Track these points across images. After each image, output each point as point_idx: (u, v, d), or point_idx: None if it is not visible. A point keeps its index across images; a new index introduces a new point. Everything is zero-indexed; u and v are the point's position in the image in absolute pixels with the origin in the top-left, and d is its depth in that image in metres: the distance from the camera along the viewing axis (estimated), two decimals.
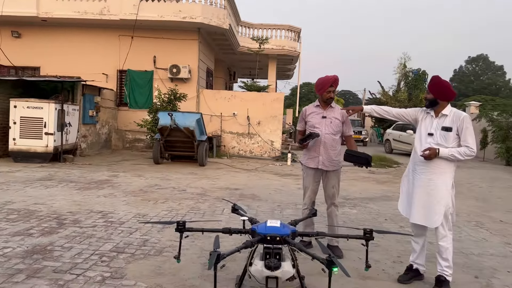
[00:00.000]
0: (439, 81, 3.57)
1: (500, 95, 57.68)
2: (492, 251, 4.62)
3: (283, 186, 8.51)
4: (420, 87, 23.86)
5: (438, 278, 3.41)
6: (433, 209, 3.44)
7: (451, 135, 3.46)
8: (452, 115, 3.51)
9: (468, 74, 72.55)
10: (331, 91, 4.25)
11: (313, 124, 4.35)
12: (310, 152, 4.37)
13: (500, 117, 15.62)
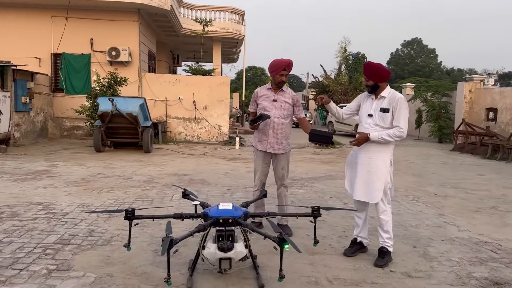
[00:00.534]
0: (372, 65, 3.74)
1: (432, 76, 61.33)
2: (428, 222, 4.98)
3: (232, 170, 8.55)
4: (360, 70, 24.72)
5: (381, 249, 3.63)
6: (373, 185, 3.64)
7: (388, 116, 3.63)
8: (389, 97, 3.67)
9: (403, 57, 76.29)
10: (284, 74, 4.28)
11: (264, 107, 4.41)
12: (260, 135, 4.43)
13: (433, 98, 16.66)
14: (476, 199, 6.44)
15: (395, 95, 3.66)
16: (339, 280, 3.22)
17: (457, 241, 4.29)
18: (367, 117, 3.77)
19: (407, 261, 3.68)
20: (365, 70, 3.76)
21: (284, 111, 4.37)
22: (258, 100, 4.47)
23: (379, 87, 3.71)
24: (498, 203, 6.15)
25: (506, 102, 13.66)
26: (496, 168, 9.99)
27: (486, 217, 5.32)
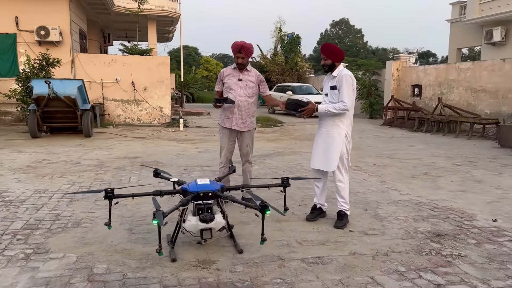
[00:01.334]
0: (330, 46, 4.08)
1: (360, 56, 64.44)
2: (373, 189, 5.53)
3: (183, 151, 8.60)
4: (295, 50, 25.41)
5: (339, 213, 4.04)
6: (330, 156, 4.01)
7: (336, 92, 3.96)
8: (339, 75, 3.97)
9: (332, 37, 78.93)
10: (239, 57, 4.44)
11: (230, 86, 4.56)
12: (226, 113, 4.59)
13: (364, 76, 17.72)
14: (410, 167, 7.18)
15: (344, 73, 3.96)
16: (307, 241, 3.57)
17: (401, 203, 4.85)
18: (324, 96, 4.15)
19: (362, 222, 4.13)
20: (324, 50, 4.06)
21: (249, 90, 4.57)
22: (224, 79, 4.61)
23: (335, 67, 4.02)
24: (429, 170, 6.92)
25: (429, 79, 14.97)
26: (423, 139, 11.05)
27: (421, 182, 6.00)
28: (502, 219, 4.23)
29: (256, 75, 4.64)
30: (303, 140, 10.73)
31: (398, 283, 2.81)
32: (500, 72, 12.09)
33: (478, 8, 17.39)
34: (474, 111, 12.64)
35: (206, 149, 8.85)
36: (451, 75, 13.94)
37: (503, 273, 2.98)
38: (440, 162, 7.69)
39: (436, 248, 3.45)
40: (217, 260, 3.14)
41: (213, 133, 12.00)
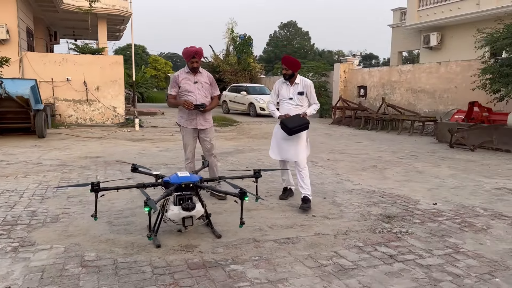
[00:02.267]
0: (291, 58, 4.76)
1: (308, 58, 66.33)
2: (329, 180, 6.06)
3: (144, 150, 8.72)
4: (247, 51, 25.87)
5: (304, 198, 4.55)
6: (298, 148, 4.67)
7: (304, 97, 4.75)
8: (302, 83, 4.77)
9: (281, 39, 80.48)
10: (194, 61, 4.79)
11: (187, 89, 4.87)
12: (188, 115, 4.91)
13: (313, 78, 18.53)
14: (360, 161, 7.83)
15: (306, 81, 4.80)
16: (277, 226, 3.98)
17: (354, 191, 5.40)
18: (288, 99, 4.79)
19: (322, 208, 4.61)
20: (286, 62, 4.73)
21: (205, 90, 4.96)
22: (180, 83, 4.89)
23: (295, 75, 4.72)
24: (377, 163, 7.61)
25: (373, 80, 16.02)
26: (369, 136, 11.90)
27: (370, 174, 6.64)
28: (441, 203, 4.89)
29: (208, 76, 5.06)
30: (260, 138, 11.18)
31: (358, 255, 3.29)
32: (437, 74, 13.27)
33: (417, 15, 18.82)
34: (414, 110, 13.76)
35: (166, 148, 9.03)
36: (393, 77, 15.04)
37: (443, 244, 3.56)
38: (385, 156, 8.44)
39: (387, 227, 3.99)
40: (199, 245, 3.46)
41: (171, 133, 12.14)
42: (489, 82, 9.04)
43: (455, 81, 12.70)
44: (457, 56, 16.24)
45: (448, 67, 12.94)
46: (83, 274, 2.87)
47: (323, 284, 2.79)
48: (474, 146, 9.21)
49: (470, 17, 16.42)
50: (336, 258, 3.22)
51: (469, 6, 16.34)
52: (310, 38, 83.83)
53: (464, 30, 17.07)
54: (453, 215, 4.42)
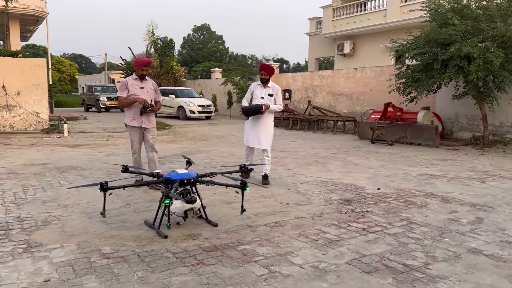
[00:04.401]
0: (268, 66, 6.08)
1: (223, 61, 67.31)
2: (284, 174, 6.74)
3: (89, 156, 8.59)
4: (170, 55, 25.79)
5: (265, 175, 5.74)
6: (266, 137, 6.06)
7: (272, 98, 6.07)
8: (272, 86, 6.12)
9: (196, 42, 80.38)
10: (145, 70, 5.70)
11: (135, 93, 5.68)
12: (134, 115, 5.70)
13: (241, 81, 19.28)
14: (301, 157, 8.66)
15: (276, 86, 6.15)
16: (261, 213, 4.50)
17: (310, 182, 6.14)
18: (260, 98, 5.99)
19: (291, 197, 5.25)
20: (265, 69, 6.01)
21: (150, 95, 5.83)
22: (129, 87, 5.68)
23: (268, 80, 5.94)
24: (317, 158, 8.49)
25: (297, 84, 17.24)
26: (300, 136, 12.92)
27: (316, 168, 7.46)
28: (383, 188, 5.83)
29: (153, 83, 5.92)
30: (200, 140, 11.54)
31: (338, 231, 3.96)
32: (354, 79, 14.82)
33: (331, 24, 20.59)
34: (335, 111, 15.17)
35: (112, 153, 8.99)
36: (315, 81, 16.38)
37: (398, 218, 4.40)
38: (321, 152, 9.40)
39: (350, 208, 4.74)
40: (201, 233, 3.85)
41: (105, 138, 11.93)
42: (403, 86, 10.51)
43: (370, 85, 14.32)
44: (367, 62, 18.17)
45: (363, 72, 14.54)
46: (112, 263, 3.13)
47: (322, 252, 3.40)
48: (392, 141, 10.63)
49: (378, 27, 18.49)
50: (322, 234, 3.85)
51: (377, 18, 18.40)
52: (224, 42, 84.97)
53: (373, 39, 19.16)
54: (396, 196, 5.34)
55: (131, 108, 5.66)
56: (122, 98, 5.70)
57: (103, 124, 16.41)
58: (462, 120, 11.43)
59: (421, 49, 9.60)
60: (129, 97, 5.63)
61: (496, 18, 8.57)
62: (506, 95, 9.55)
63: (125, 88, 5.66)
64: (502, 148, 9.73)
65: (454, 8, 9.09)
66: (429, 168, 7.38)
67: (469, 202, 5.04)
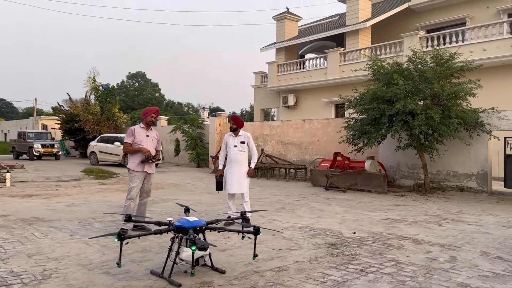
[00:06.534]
0: (239, 118, 6.67)
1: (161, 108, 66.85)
2: (262, 221, 6.92)
3: (48, 206, 8.13)
4: (112, 101, 25.36)
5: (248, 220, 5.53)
6: (244, 183, 6.67)
7: (245, 145, 6.66)
8: (243, 134, 6.76)
9: (130, 88, 79.51)
10: (154, 117, 6.06)
11: (140, 140, 5.99)
12: (139, 160, 5.94)
13: (190, 129, 19.45)
14: (268, 204, 8.95)
15: (246, 134, 6.82)
16: (260, 259, 4.63)
17: (290, 228, 6.41)
18: (234, 147, 6.53)
19: (280, 242, 5.47)
20: (235, 121, 6.69)
21: (153, 144, 6.16)
22: (135, 134, 5.99)
23: (238, 130, 6.56)
24: (283, 205, 8.83)
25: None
26: (256, 183, 13.23)
27: (287, 214, 7.77)
28: (358, 232, 6.26)
29: (157, 134, 6.31)
30: (157, 189, 11.39)
31: (339, 272, 4.25)
32: (302, 129, 15.73)
33: (276, 79, 21.85)
34: (286, 159, 15.84)
35: (71, 203, 8.60)
36: (265, 131, 17.09)
37: (385, 259, 4.80)
38: (284, 199, 9.78)
39: (339, 252, 5.08)
40: (213, 281, 3.93)
41: (53, 188, 11.34)
42: (352, 137, 11.45)
43: (317, 135, 15.28)
44: (310, 114, 19.40)
45: (311, 124, 15.52)
46: None
47: None
48: (345, 188, 11.35)
49: (319, 83, 19.99)
50: (327, 276, 4.12)
51: (318, 75, 19.93)
52: (160, 90, 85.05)
53: (315, 93, 20.60)
54: (373, 239, 5.79)
55: (136, 154, 5.94)
56: (128, 145, 6.00)
57: (44, 173, 15.51)
58: (403, 168, 12.57)
59: (369, 105, 10.64)
60: (134, 144, 5.96)
61: (432, 80, 9.89)
62: (442, 147, 10.79)
63: (131, 135, 5.99)
64: (442, 194, 10.85)
65: (396, 70, 10.33)
66: (388, 213, 8.03)
67: (437, 243, 5.62)
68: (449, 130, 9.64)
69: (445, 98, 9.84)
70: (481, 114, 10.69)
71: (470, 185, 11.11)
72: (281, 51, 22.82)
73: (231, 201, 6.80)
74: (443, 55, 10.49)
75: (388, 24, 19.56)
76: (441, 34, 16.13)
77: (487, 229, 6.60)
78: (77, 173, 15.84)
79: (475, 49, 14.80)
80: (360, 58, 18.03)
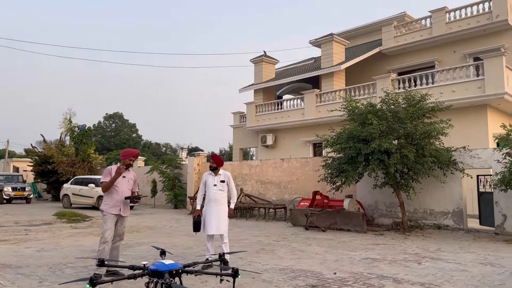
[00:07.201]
0: (219, 158, 6.72)
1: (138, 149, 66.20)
2: (240, 263, 6.76)
3: (16, 252, 7.75)
4: (87, 142, 24.97)
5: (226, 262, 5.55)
6: (223, 223, 6.50)
7: (225, 184, 6.64)
8: (223, 173, 6.71)
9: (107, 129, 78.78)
10: (132, 160, 6.10)
11: (117, 181, 5.88)
12: (114, 202, 5.86)
13: (167, 169, 19.22)
14: (247, 245, 8.77)
15: (226, 173, 6.76)
16: None
17: (270, 270, 6.27)
18: (213, 186, 6.48)
19: (259, 285, 5.33)
20: (215, 159, 6.64)
21: (130, 185, 6.11)
22: (112, 173, 5.85)
23: (218, 169, 6.50)
24: (262, 246, 8.67)
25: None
26: (235, 224, 12.99)
27: (267, 255, 7.61)
28: (338, 272, 6.17)
29: (134, 175, 6.26)
30: (132, 232, 11.04)
31: None
32: (281, 168, 15.78)
33: (255, 119, 22.11)
34: (265, 198, 15.74)
35: (42, 248, 8.22)
36: (244, 170, 17.05)
37: None
38: (263, 240, 9.61)
39: None
40: None
41: (23, 232, 10.84)
42: (330, 176, 11.54)
43: (296, 174, 15.34)
44: (289, 153, 19.55)
45: (290, 163, 15.61)
46: None
47: None
48: (325, 227, 11.29)
49: (297, 123, 20.31)
50: None
51: (296, 115, 20.29)
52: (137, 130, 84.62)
53: (293, 133, 20.88)
54: (354, 280, 5.71)
55: (111, 195, 5.82)
56: (105, 183, 5.88)
57: (13, 217, 14.86)
58: (381, 207, 12.66)
59: (345, 144, 10.83)
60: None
61: (405, 120, 10.21)
62: (418, 185, 10.98)
63: (108, 174, 5.88)
64: (420, 232, 10.91)
65: (370, 110, 10.64)
66: (368, 252, 7.98)
67: (417, 282, 5.58)
68: (423, 168, 9.85)
69: (418, 137, 10.13)
70: (453, 152, 11.02)
71: (446, 223, 11.24)
72: (259, 92, 23.27)
73: (209, 243, 6.62)
74: (414, 96, 10.90)
75: (361, 67, 20.34)
76: (412, 76, 16.84)
77: (465, 266, 6.62)
78: (49, 216, 15.25)
79: (444, 91, 15.47)
80: (336, 99, 18.54)
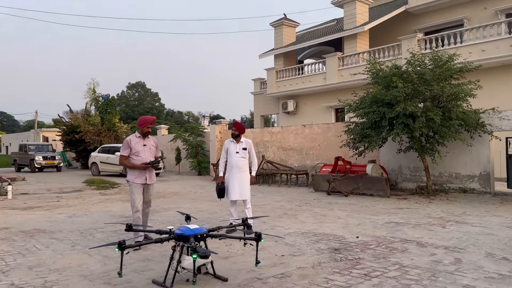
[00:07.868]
0: (240, 124, 6.70)
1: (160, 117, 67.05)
2: (264, 227, 6.87)
3: (49, 218, 8.12)
4: (112, 112, 25.39)
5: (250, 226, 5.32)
6: (245, 189, 6.66)
7: (246, 151, 6.68)
8: (245, 141, 6.78)
9: (131, 99, 79.71)
10: (150, 127, 5.94)
11: (138, 151, 5.81)
12: (139, 172, 5.77)
13: (190, 137, 19.45)
14: (270, 210, 8.90)
15: (248, 140, 6.83)
16: (262, 266, 4.59)
17: (293, 234, 6.36)
18: (235, 153, 6.48)
19: (282, 249, 5.42)
20: (237, 127, 6.65)
21: (152, 152, 5.99)
22: (132, 145, 5.80)
23: (239, 136, 6.52)
24: (285, 211, 8.78)
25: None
26: (258, 190, 13.17)
27: (289, 220, 7.72)
28: (360, 236, 6.21)
29: (154, 141, 6.13)
30: (159, 198, 11.35)
31: (343, 277, 4.20)
32: (303, 135, 15.71)
33: (275, 85, 21.89)
34: (287, 164, 15.80)
35: (73, 214, 8.57)
36: (266, 137, 17.07)
37: (389, 262, 4.75)
38: (286, 205, 9.72)
39: (342, 257, 5.03)
40: None
41: (55, 199, 11.30)
42: (353, 141, 11.42)
43: (317, 140, 15.26)
44: (310, 119, 19.39)
45: (311, 129, 15.50)
46: None
47: None
48: (347, 192, 11.30)
49: (318, 88, 20.02)
50: (331, 282, 4.07)
51: (318, 80, 19.96)
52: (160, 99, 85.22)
53: (315, 98, 20.62)
54: (377, 243, 5.74)
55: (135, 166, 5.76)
56: (123, 158, 5.82)
57: (45, 185, 15.51)
58: (405, 171, 12.52)
59: (369, 108, 10.62)
60: (132, 156, 5.75)
61: (432, 82, 9.88)
62: (443, 148, 10.75)
63: (127, 147, 5.77)
64: (445, 196, 10.78)
65: (395, 73, 10.32)
66: (391, 217, 7.97)
67: (441, 245, 5.57)
68: (450, 131, 9.61)
69: (445, 99, 9.82)
70: (481, 115, 10.67)
71: (473, 187, 11.05)
72: (280, 57, 22.88)
73: (233, 208, 6.77)
74: (441, 57, 10.49)
75: (385, 28, 19.62)
76: (439, 36, 16.16)
77: (492, 230, 6.54)
78: (79, 184, 15.83)
79: (473, 50, 14.82)
80: (359, 62, 18.07)
